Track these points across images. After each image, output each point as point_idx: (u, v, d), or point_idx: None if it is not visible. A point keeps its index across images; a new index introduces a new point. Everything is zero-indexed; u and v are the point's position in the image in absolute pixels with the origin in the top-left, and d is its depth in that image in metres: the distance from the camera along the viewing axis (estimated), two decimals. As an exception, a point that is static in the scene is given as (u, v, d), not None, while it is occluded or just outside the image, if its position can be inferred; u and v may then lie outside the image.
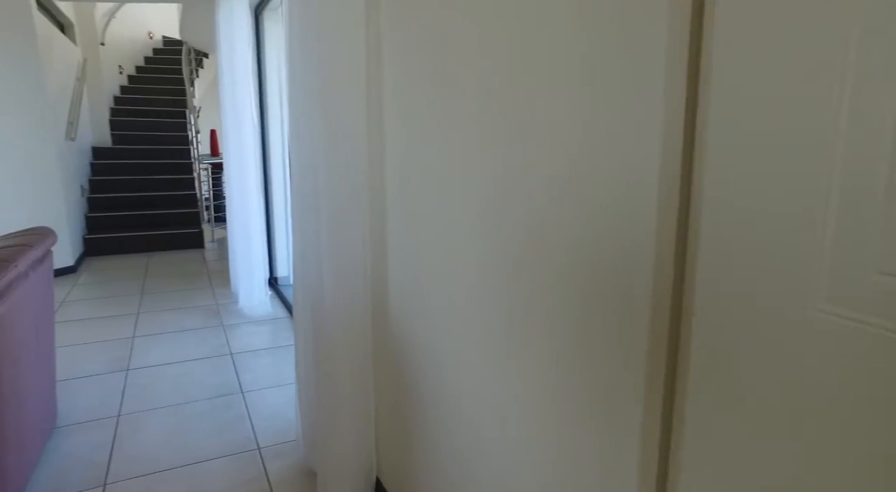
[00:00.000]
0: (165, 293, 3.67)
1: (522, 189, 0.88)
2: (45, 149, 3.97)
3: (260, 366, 2.53)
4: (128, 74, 7.17)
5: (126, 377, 2.40)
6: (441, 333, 1.21)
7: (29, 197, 3.93)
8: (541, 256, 0.85)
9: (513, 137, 0.90)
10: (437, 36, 1.12)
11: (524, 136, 0.87)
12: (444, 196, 1.14)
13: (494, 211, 0.97)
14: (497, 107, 0.94)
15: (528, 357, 0.91)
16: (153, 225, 5.22)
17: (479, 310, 1.04)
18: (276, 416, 2.11)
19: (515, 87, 0.89)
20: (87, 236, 4.80)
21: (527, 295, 0.89)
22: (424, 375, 1.32)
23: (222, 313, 3.27)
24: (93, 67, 5.66)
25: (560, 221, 0.80)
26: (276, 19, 3.51)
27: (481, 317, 1.04)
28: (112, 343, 2.78)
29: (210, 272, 4.27)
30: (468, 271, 1.07)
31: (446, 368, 1.20)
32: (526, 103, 0.87)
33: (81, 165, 5.06)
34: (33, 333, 1.75)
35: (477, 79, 0.99)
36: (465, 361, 1.12)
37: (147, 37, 7.77)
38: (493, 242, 0.98)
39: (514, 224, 0.91)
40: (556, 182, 0.80)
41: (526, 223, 0.88)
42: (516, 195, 0.90)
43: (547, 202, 0.83)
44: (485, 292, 1.02)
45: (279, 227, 3.78)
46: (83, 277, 4.10)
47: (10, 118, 3.77)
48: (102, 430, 1.99)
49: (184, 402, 2.19)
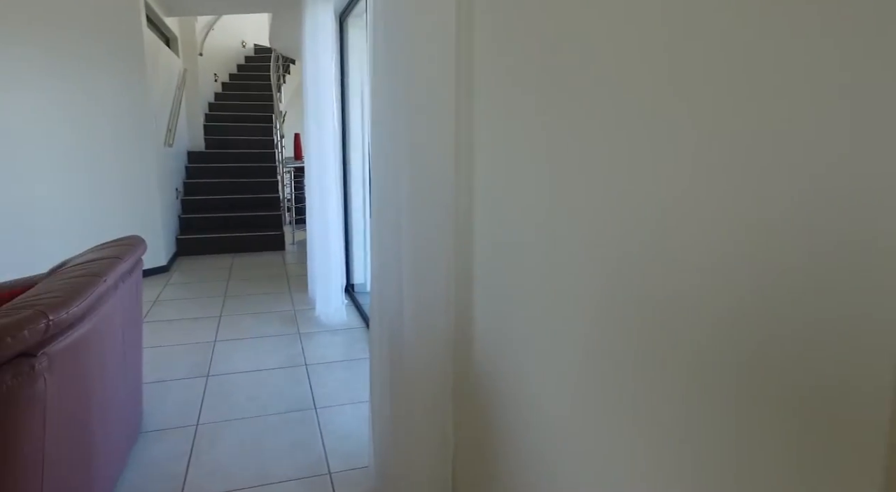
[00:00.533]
0: (246, 297, 3.77)
1: (678, 240, 0.71)
2: (145, 154, 4.21)
3: (333, 380, 2.48)
4: (222, 82, 7.56)
5: (206, 384, 2.43)
6: (535, 386, 1.06)
7: (128, 200, 4.17)
8: (685, 338, 0.68)
9: (661, 166, 0.73)
10: (545, 34, 0.96)
11: (684, 161, 0.70)
12: (546, 234, 0.98)
13: (623, 260, 0.80)
14: (643, 123, 0.78)
15: (657, 437, 0.74)
16: (239, 227, 5.43)
17: (590, 373, 0.88)
18: (347, 436, 2.04)
19: (690, 95, 0.72)
20: (179, 237, 5.06)
21: (661, 380, 0.72)
22: (513, 425, 1.17)
23: (299, 320, 3.29)
24: (191, 76, 5.99)
25: (727, 297, 0.63)
26: (360, 25, 3.50)
27: (593, 381, 0.88)
28: (195, 347, 2.86)
29: (289, 276, 4.35)
30: (576, 327, 0.91)
31: (542, 426, 1.05)
32: (708, 116, 0.70)
33: (177, 168, 5.35)
34: (121, 343, 1.78)
35: (608, 91, 0.82)
36: (566, 424, 0.96)
37: (240, 45, 8.17)
38: (615, 299, 0.81)
39: (651, 282, 0.74)
40: (747, 234, 0.63)
41: (671, 287, 0.71)
42: (660, 247, 0.73)
43: (717, 264, 0.66)
44: (600, 356, 0.85)
45: (357, 232, 3.77)
46: (174, 277, 4.31)
47: (117, 126, 4.02)
48: (182, 439, 2.00)
49: (258, 414, 2.17)
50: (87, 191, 3.93)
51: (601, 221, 0.83)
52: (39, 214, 3.67)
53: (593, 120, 0.83)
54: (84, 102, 3.82)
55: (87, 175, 3.91)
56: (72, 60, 3.72)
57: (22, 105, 3.51)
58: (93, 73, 3.83)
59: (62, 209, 3.80)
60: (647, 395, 0.75)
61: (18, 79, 3.47)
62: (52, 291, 1.35)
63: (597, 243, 0.84)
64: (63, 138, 3.75)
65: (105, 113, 3.94)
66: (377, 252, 1.51)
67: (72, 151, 3.81)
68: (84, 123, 3.84)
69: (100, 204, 4.00)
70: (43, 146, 3.66)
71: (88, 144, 3.89)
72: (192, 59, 6.16)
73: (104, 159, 3.99)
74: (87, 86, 3.82)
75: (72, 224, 3.85)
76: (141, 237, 2.04)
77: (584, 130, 0.86)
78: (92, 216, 3.96)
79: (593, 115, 0.83)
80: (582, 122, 0.86)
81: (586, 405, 0.89)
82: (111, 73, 3.92)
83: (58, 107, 3.70)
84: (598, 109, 0.82)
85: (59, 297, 1.31)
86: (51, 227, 3.73)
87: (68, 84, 3.73)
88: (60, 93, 3.70)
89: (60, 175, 3.77)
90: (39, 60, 3.56)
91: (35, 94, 3.58)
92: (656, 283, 0.72)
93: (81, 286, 1.41)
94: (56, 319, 1.25)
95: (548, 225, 0.98)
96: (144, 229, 4.27)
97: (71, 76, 3.73)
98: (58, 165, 3.75)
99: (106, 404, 1.63)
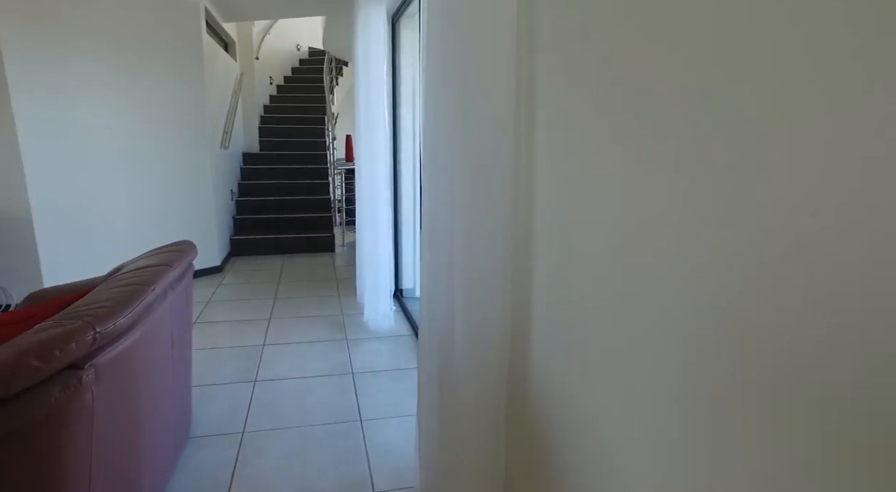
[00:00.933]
0: (295, 299, 3.78)
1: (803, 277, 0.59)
2: (202, 157, 4.31)
3: (380, 391, 2.42)
4: (277, 84, 7.72)
5: (253, 389, 2.42)
6: (601, 430, 0.94)
7: (185, 202, 4.28)
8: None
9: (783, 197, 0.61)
10: (629, 32, 0.85)
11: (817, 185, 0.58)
12: (621, 268, 0.86)
13: (722, 297, 0.68)
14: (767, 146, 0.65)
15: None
16: (290, 228, 5.50)
17: (680, 427, 0.76)
18: (393, 452, 1.97)
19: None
20: (233, 237, 5.17)
21: (789, 450, 0.60)
22: (573, 466, 1.06)
23: (347, 326, 3.26)
24: (248, 80, 6.12)
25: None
26: (413, 27, 3.44)
27: (684, 435, 0.75)
28: (244, 350, 2.87)
29: (338, 279, 4.35)
30: (660, 373, 0.79)
31: (609, 474, 0.93)
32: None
33: (232, 170, 5.47)
34: (170, 350, 1.77)
35: (713, 106, 0.70)
36: (638, 473, 0.84)
37: (295, 49, 8.33)
38: (715, 344, 0.69)
39: (762, 326, 0.62)
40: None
41: (793, 332, 0.58)
42: (776, 285, 0.60)
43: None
44: (697, 410, 0.73)
45: (406, 237, 3.71)
46: (227, 278, 4.39)
47: (176, 130, 4.13)
48: (228, 447, 1.98)
49: (304, 424, 2.14)
50: (148, 193, 4.06)
51: (692, 249, 0.70)
52: (106, 215, 3.81)
53: (693, 146, 0.71)
54: (146, 107, 3.94)
55: (147, 177, 4.03)
56: (135, 67, 3.84)
57: (92, 108, 3.65)
58: (155, 79, 3.95)
59: (126, 210, 3.94)
60: (762, 464, 0.62)
61: (88, 85, 3.61)
62: (101, 301, 1.34)
63: (687, 277, 0.72)
64: (127, 142, 3.88)
65: (165, 117, 4.06)
66: (427, 272, 1.42)
67: (134, 155, 3.94)
68: (145, 128, 3.97)
69: (159, 206, 4.12)
70: (111, 149, 3.79)
71: (149, 148, 4.01)
72: (249, 62, 6.30)
73: (164, 162, 4.10)
74: (150, 91, 3.94)
75: (134, 225, 3.99)
76: (192, 243, 2.04)
77: (676, 161, 0.74)
78: (151, 218, 4.08)
79: (692, 138, 0.71)
80: (676, 149, 0.74)
81: (673, 462, 0.77)
82: (172, 78, 4.03)
83: (123, 111, 3.83)
84: (699, 132, 0.70)
85: (107, 307, 1.30)
86: (116, 227, 3.87)
87: (132, 90, 3.85)
88: (126, 98, 3.83)
89: (125, 177, 3.90)
90: (106, 68, 3.69)
91: (104, 100, 3.71)
92: (769, 327, 0.59)
93: (130, 296, 1.39)
94: (103, 331, 1.23)
95: (625, 255, 0.86)
96: (200, 231, 4.38)
97: (135, 82, 3.86)
98: (123, 167, 3.88)
99: (153, 412, 1.62)
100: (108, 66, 3.70)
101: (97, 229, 3.76)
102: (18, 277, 3.46)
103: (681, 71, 0.71)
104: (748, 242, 0.61)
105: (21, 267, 3.45)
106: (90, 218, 3.71)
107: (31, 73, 3.30)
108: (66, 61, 3.48)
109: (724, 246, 0.64)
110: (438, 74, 1.32)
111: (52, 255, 3.52)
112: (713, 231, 0.66)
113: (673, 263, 0.74)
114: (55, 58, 3.41)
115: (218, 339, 3.03)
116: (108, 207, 3.82)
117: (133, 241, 3.91)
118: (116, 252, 3.75)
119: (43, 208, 3.45)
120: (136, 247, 3.78)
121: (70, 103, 3.53)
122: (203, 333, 3.13)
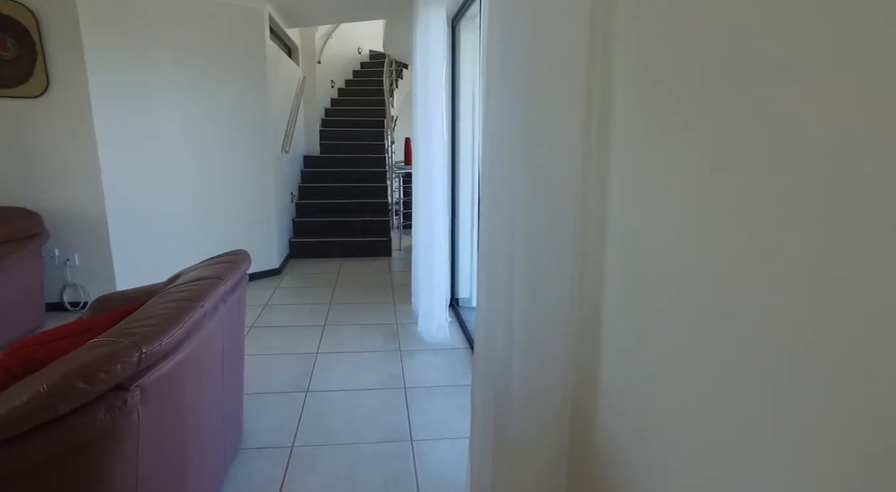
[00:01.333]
0: (351, 305, 3.76)
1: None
2: (264, 161, 4.38)
3: (433, 408, 2.33)
4: (338, 88, 7.83)
5: (304, 400, 2.39)
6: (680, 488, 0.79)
7: (248, 205, 4.37)
8: None
9: None
10: (724, 33, 0.70)
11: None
12: (710, 307, 0.71)
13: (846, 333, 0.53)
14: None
15: None
16: (348, 231, 5.52)
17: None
18: (443, 477, 1.87)
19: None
20: (292, 240, 5.25)
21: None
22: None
23: (400, 335, 3.19)
24: (310, 84, 6.22)
25: None
26: (473, 28, 3.33)
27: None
28: (298, 358, 2.85)
29: (394, 285, 4.31)
30: (762, 420, 0.64)
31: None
32: None
33: (293, 173, 5.56)
34: (220, 364, 1.74)
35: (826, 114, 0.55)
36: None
37: (356, 52, 8.42)
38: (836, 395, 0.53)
39: None
40: None
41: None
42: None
43: None
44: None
45: (464, 244, 3.61)
46: (285, 280, 4.45)
47: (239, 134, 4.22)
48: (277, 461, 1.95)
49: (353, 441, 2.07)
50: (212, 196, 4.16)
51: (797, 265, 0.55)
52: (174, 219, 3.95)
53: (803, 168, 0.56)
54: (210, 113, 4.05)
55: (211, 182, 4.14)
56: (202, 75, 3.95)
57: (163, 116, 3.78)
58: (219, 86, 4.04)
59: (191, 214, 4.06)
60: None
61: (160, 93, 3.74)
62: (149, 319, 1.31)
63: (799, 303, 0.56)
64: (194, 148, 4.00)
65: (228, 122, 4.15)
66: (484, 292, 1.30)
67: (200, 160, 4.05)
68: (210, 134, 4.07)
69: (222, 209, 4.23)
70: (180, 155, 3.92)
71: (214, 153, 4.12)
72: (311, 66, 6.40)
73: (227, 166, 4.20)
74: (215, 97, 4.04)
75: (198, 228, 4.10)
76: (246, 252, 2.02)
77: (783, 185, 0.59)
78: (215, 221, 4.19)
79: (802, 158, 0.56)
80: (781, 168, 0.59)
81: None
82: (236, 84, 4.12)
83: (190, 118, 3.95)
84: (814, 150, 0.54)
85: (154, 327, 1.26)
86: (182, 230, 4.00)
87: (199, 97, 3.96)
88: (193, 105, 3.95)
89: (191, 182, 4.02)
90: (175, 76, 3.81)
91: (174, 107, 3.84)
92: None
93: (178, 313, 1.36)
94: (149, 352, 1.20)
95: (714, 299, 0.71)
96: (260, 233, 4.46)
97: (201, 89, 3.96)
98: (189, 172, 4.00)
99: (201, 428, 1.59)
100: (178, 74, 3.83)
101: (165, 232, 3.89)
102: (94, 277, 3.63)
103: (794, 69, 0.56)
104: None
105: (97, 267, 3.62)
106: (159, 221, 3.85)
107: (108, 82, 3.45)
108: (144, 72, 3.63)
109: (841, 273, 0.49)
110: (500, 76, 1.20)
111: (123, 256, 3.67)
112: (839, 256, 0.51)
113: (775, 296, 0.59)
114: (132, 68, 3.56)
115: (274, 344, 3.04)
116: (176, 211, 3.95)
117: (197, 243, 4.02)
118: (182, 253, 3.87)
119: (117, 212, 3.60)
120: (200, 248, 3.89)
121: (144, 112, 3.68)
122: (260, 337, 3.15)
